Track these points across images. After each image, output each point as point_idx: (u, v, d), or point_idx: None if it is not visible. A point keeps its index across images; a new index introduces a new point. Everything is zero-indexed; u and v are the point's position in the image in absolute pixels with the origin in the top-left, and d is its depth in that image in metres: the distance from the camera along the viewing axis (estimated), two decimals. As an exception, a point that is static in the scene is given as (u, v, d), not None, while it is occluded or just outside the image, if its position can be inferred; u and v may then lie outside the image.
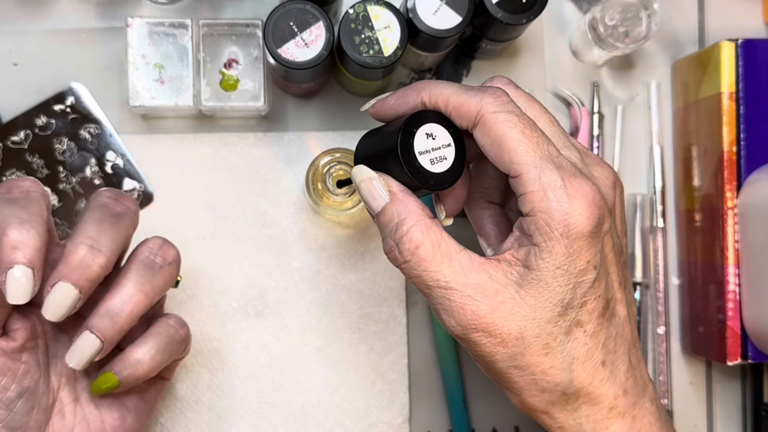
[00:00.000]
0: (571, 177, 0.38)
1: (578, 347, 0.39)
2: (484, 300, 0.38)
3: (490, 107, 0.38)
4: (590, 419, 0.40)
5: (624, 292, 0.41)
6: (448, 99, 0.40)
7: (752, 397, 0.59)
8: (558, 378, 0.39)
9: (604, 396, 0.40)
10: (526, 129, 0.38)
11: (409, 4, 0.49)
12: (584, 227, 0.37)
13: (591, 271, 0.38)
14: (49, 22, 0.57)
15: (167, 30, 0.54)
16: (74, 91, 0.56)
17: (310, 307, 0.57)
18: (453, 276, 0.39)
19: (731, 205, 0.54)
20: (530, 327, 0.38)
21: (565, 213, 0.37)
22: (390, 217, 0.40)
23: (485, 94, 0.39)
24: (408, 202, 0.40)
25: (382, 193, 0.40)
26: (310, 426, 0.56)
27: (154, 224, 0.56)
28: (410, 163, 0.39)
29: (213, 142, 0.57)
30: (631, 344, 0.41)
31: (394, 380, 0.57)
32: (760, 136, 0.54)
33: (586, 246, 0.38)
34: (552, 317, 0.38)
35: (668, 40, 0.60)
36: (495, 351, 0.39)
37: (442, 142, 0.40)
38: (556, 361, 0.39)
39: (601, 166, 0.42)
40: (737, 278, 0.54)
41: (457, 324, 0.39)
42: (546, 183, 0.37)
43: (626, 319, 0.41)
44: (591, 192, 0.38)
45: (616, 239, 0.41)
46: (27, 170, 0.55)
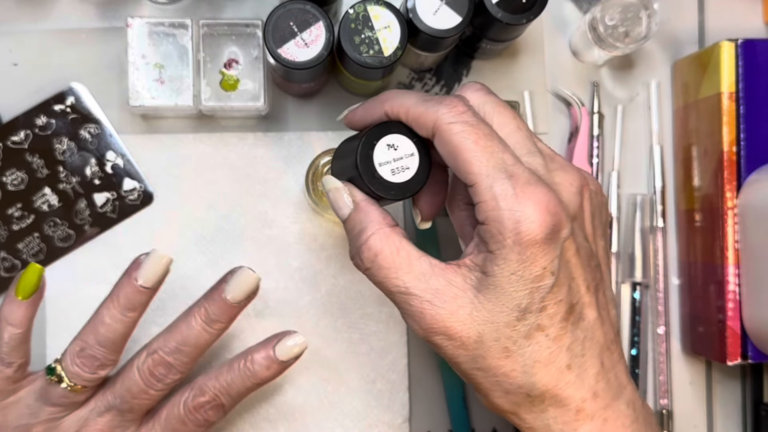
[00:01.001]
0: (524, 185, 0.38)
1: (540, 351, 0.39)
2: (442, 305, 0.39)
3: (445, 118, 0.39)
4: (558, 421, 0.40)
5: (595, 295, 0.41)
6: (408, 110, 0.41)
7: (752, 397, 0.59)
8: (520, 380, 0.40)
9: (570, 398, 0.40)
10: (480, 139, 0.39)
11: (409, 4, 0.49)
12: (536, 234, 0.38)
13: (548, 276, 0.39)
14: (49, 22, 0.57)
15: (167, 30, 0.54)
16: (74, 91, 0.56)
17: (310, 307, 0.57)
18: (412, 282, 0.40)
19: (731, 205, 0.54)
20: (489, 331, 0.39)
21: (516, 221, 0.38)
22: (353, 225, 0.42)
23: (441, 104, 0.40)
24: (369, 211, 0.42)
25: (347, 202, 0.42)
26: (310, 426, 0.56)
27: (154, 224, 0.56)
28: (369, 174, 0.41)
29: (213, 142, 0.57)
30: (603, 347, 0.41)
31: (394, 380, 0.57)
32: (760, 136, 0.54)
33: (540, 252, 0.38)
34: (510, 321, 0.39)
35: (668, 40, 0.60)
36: (457, 353, 0.40)
37: (405, 152, 0.42)
38: (517, 364, 0.39)
39: (565, 171, 0.41)
40: (737, 278, 0.54)
41: (420, 328, 0.40)
42: (497, 192, 0.38)
43: (596, 322, 0.41)
44: (545, 199, 0.38)
45: (583, 243, 0.41)
46: (27, 170, 0.56)
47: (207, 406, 0.49)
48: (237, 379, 0.49)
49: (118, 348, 0.48)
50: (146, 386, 0.48)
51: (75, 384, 0.47)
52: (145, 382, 0.48)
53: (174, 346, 0.48)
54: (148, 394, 0.48)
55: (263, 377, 0.50)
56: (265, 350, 0.50)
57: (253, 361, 0.49)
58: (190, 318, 0.49)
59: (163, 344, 0.48)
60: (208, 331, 0.48)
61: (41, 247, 0.55)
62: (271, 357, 0.50)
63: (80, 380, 0.47)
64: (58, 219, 0.56)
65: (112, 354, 0.48)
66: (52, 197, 0.56)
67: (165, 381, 0.48)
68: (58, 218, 0.56)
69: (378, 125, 0.42)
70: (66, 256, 0.56)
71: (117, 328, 0.47)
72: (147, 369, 0.48)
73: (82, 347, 0.47)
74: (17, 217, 0.55)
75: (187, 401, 0.49)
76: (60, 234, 0.56)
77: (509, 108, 0.42)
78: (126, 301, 0.47)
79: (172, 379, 0.48)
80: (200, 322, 0.48)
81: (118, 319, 0.47)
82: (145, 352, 0.49)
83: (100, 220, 0.56)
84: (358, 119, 0.44)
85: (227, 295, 0.48)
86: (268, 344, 0.50)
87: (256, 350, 0.50)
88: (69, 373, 0.47)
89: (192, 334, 0.48)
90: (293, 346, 0.50)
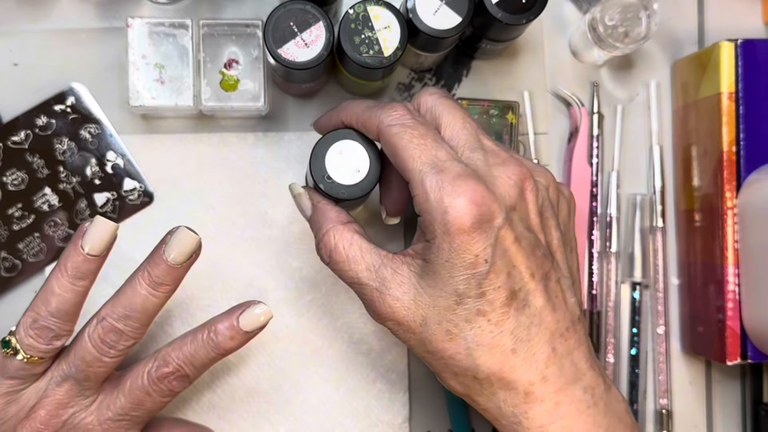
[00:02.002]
0: (454, 179, 0.41)
1: (482, 334, 0.41)
2: (389, 292, 0.43)
3: (385, 121, 0.43)
4: (508, 403, 0.42)
5: (543, 282, 0.42)
6: (357, 116, 0.45)
7: (752, 396, 0.59)
8: (465, 363, 0.42)
9: (518, 381, 0.41)
10: (415, 138, 0.42)
11: (409, 5, 0.49)
12: (462, 223, 0.40)
13: (482, 263, 0.41)
14: (49, 22, 0.57)
15: (167, 30, 0.54)
16: (74, 91, 0.56)
17: (310, 307, 0.57)
18: (363, 273, 0.44)
19: (731, 205, 0.54)
20: (432, 314, 0.42)
21: (444, 212, 0.41)
22: (313, 225, 0.47)
23: (383, 110, 0.44)
24: (325, 211, 0.46)
25: (307, 205, 0.47)
26: (310, 426, 0.56)
27: (154, 224, 0.56)
28: (320, 177, 0.46)
29: (213, 142, 0.57)
30: (555, 333, 0.42)
31: (394, 380, 0.57)
32: (760, 136, 0.54)
33: (469, 240, 0.41)
34: (450, 305, 0.42)
35: (668, 41, 0.60)
36: (407, 337, 0.43)
37: (355, 156, 0.46)
38: (461, 347, 0.42)
39: (506, 165, 0.43)
40: (737, 278, 0.54)
41: (374, 315, 0.44)
42: (427, 186, 0.41)
43: (545, 308, 0.42)
44: (471, 191, 0.41)
45: (524, 233, 0.42)
46: (27, 170, 0.56)
47: (171, 377, 0.48)
48: (201, 350, 0.48)
49: (72, 318, 0.47)
50: (99, 354, 0.47)
51: (31, 356, 0.46)
52: (98, 349, 0.47)
53: (122, 312, 0.47)
54: (102, 362, 0.47)
55: (227, 348, 0.49)
56: (229, 321, 0.49)
57: (216, 332, 0.48)
58: (134, 283, 0.47)
59: (111, 311, 0.47)
60: (155, 295, 0.47)
61: (42, 247, 0.56)
62: (234, 327, 0.48)
63: (36, 352, 0.46)
64: (59, 219, 0.56)
65: (65, 324, 0.47)
66: (52, 197, 0.56)
67: (117, 348, 0.47)
68: (58, 218, 0.56)
69: (329, 133, 0.46)
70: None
71: (68, 298, 0.46)
72: (98, 336, 0.47)
73: (35, 318, 0.46)
74: (18, 217, 0.55)
75: (150, 372, 0.48)
76: (60, 234, 0.56)
77: (460, 108, 0.45)
78: (74, 270, 0.46)
79: (124, 345, 0.47)
80: (145, 286, 0.47)
81: (69, 288, 0.46)
82: (95, 320, 0.47)
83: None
84: (322, 127, 0.49)
85: (167, 256, 0.46)
86: (231, 314, 0.49)
87: (219, 320, 0.49)
88: (24, 345, 0.46)
89: (138, 300, 0.47)
90: (258, 315, 0.49)
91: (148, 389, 0.48)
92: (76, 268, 0.46)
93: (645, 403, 0.59)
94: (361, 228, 0.46)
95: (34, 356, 0.47)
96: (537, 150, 0.59)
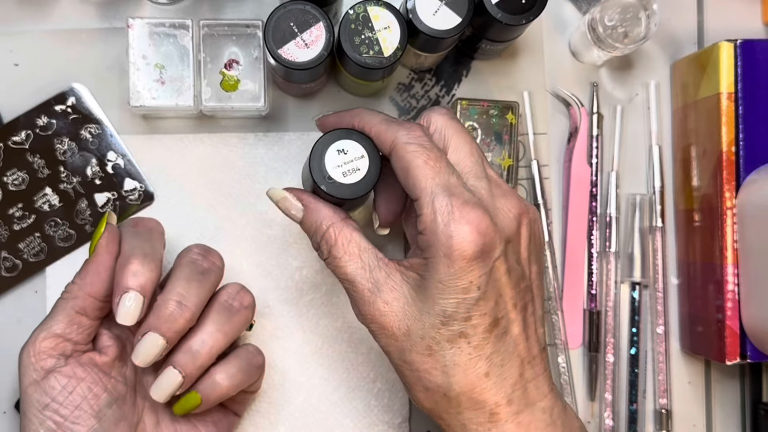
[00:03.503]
0: (462, 205, 0.42)
1: (461, 355, 0.43)
2: (380, 295, 0.44)
3: (402, 138, 0.44)
4: (473, 422, 0.43)
5: (522, 314, 0.44)
6: (372, 127, 0.45)
7: (751, 396, 0.59)
8: (439, 380, 0.43)
9: (486, 402, 0.43)
10: (430, 160, 0.43)
11: (409, 5, 0.49)
12: (466, 251, 0.41)
13: (474, 290, 0.42)
14: (49, 23, 0.57)
15: (168, 30, 0.54)
16: (75, 91, 0.56)
17: (310, 307, 0.57)
18: (357, 271, 0.44)
19: (730, 205, 0.54)
20: (416, 327, 0.43)
21: (449, 236, 0.41)
22: (309, 225, 0.46)
23: (401, 127, 0.44)
24: (320, 209, 0.46)
25: (297, 206, 0.47)
26: (310, 426, 0.56)
27: (154, 224, 0.56)
28: (320, 176, 0.45)
29: (213, 142, 0.57)
30: (525, 360, 0.44)
31: (394, 380, 0.57)
32: (759, 136, 0.54)
33: (468, 267, 0.41)
34: (435, 324, 0.42)
35: (667, 41, 0.61)
36: (387, 343, 0.44)
37: (355, 155, 0.46)
38: (438, 364, 0.43)
39: (507, 198, 0.45)
40: (736, 278, 0.54)
41: (359, 314, 0.45)
42: (437, 207, 0.42)
43: (520, 337, 0.44)
44: (478, 220, 0.42)
45: (514, 266, 0.44)
46: (28, 170, 0.56)
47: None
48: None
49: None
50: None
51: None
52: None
53: None
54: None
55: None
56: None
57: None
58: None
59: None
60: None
61: (42, 247, 0.56)
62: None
63: None
64: (59, 219, 0.56)
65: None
66: (53, 197, 0.56)
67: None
68: (59, 218, 0.56)
69: (329, 133, 0.46)
70: (67, 256, 0.56)
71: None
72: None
73: None
74: (18, 217, 0.56)
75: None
76: (61, 234, 0.56)
77: (468, 134, 0.46)
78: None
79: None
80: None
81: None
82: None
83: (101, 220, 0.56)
84: (328, 125, 0.49)
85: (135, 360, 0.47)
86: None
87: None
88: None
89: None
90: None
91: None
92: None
93: (644, 402, 0.59)
94: (359, 226, 0.46)
95: None
96: (536, 150, 0.59)
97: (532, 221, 0.46)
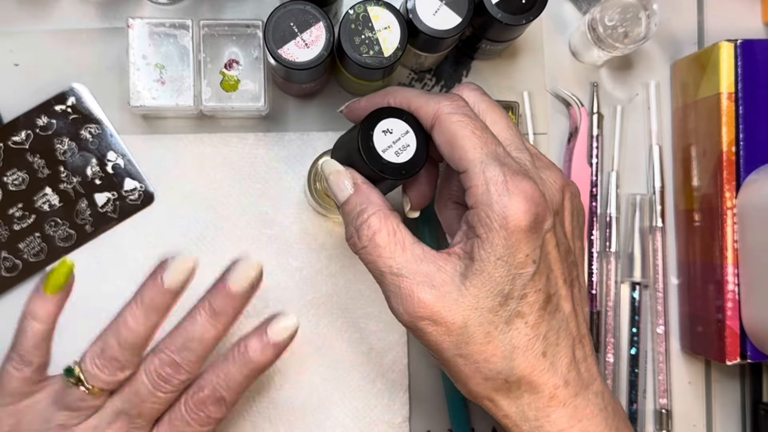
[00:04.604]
0: (514, 174, 0.40)
1: (519, 337, 0.41)
2: (431, 289, 0.41)
3: (446, 109, 0.42)
4: (532, 407, 0.42)
5: (570, 289, 0.43)
6: (411, 101, 0.44)
7: (751, 396, 0.59)
8: (500, 366, 0.41)
9: (544, 385, 0.42)
10: (476, 129, 0.41)
11: (409, 5, 0.49)
12: (521, 221, 0.40)
13: (530, 264, 0.40)
14: (49, 23, 0.57)
15: (168, 30, 0.54)
16: (75, 91, 0.56)
17: (310, 307, 0.57)
18: (404, 264, 0.41)
19: (730, 205, 0.54)
20: (473, 316, 0.41)
21: (504, 206, 0.40)
22: (353, 207, 0.43)
23: (443, 98, 0.43)
24: (369, 194, 0.43)
25: (348, 184, 0.44)
26: (310, 425, 0.56)
27: (154, 224, 0.56)
28: (374, 158, 0.43)
29: (213, 142, 0.57)
30: (576, 339, 0.43)
31: (394, 380, 0.57)
32: (759, 136, 0.54)
33: (524, 239, 0.40)
34: (493, 306, 0.41)
35: (667, 41, 0.61)
36: (441, 339, 0.41)
37: (401, 132, 0.44)
38: (498, 350, 0.41)
39: (551, 170, 0.44)
40: (736, 278, 0.54)
41: (405, 311, 0.42)
42: (489, 177, 0.40)
43: (571, 314, 0.43)
44: (531, 190, 0.40)
45: (562, 239, 0.43)
46: (28, 170, 0.56)
47: (208, 401, 0.48)
48: (233, 368, 0.48)
49: (139, 350, 0.47)
50: (154, 388, 0.47)
51: (93, 386, 0.46)
52: (153, 383, 0.47)
53: (180, 343, 0.47)
54: (157, 397, 0.47)
55: (259, 362, 0.48)
56: (258, 334, 0.49)
57: (247, 348, 0.48)
58: (194, 314, 0.48)
59: (170, 343, 0.47)
60: (213, 325, 0.47)
61: (42, 247, 0.56)
62: (264, 340, 0.48)
63: (98, 382, 0.46)
64: (59, 219, 0.56)
65: (132, 356, 0.47)
66: (53, 197, 0.56)
67: (172, 382, 0.47)
68: (59, 218, 0.56)
69: (371, 114, 0.44)
70: (67, 256, 0.56)
71: (139, 331, 0.46)
72: (154, 370, 0.47)
73: (103, 348, 0.46)
74: (18, 217, 0.56)
75: (187, 400, 0.48)
76: (61, 234, 0.56)
77: (501, 108, 0.45)
78: (150, 302, 0.47)
79: (179, 380, 0.47)
80: (204, 316, 0.47)
81: (141, 321, 0.46)
82: (152, 353, 0.48)
83: (100, 220, 0.56)
84: (361, 110, 0.46)
85: (230, 284, 0.47)
86: (260, 328, 0.49)
87: (248, 337, 0.49)
88: (88, 375, 0.46)
89: (197, 330, 0.47)
90: (285, 328, 0.49)
91: (187, 418, 0.48)
92: (153, 301, 0.47)
93: (644, 402, 0.59)
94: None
95: (95, 387, 0.46)
96: (537, 150, 0.59)
97: (573, 195, 0.45)
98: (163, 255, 0.48)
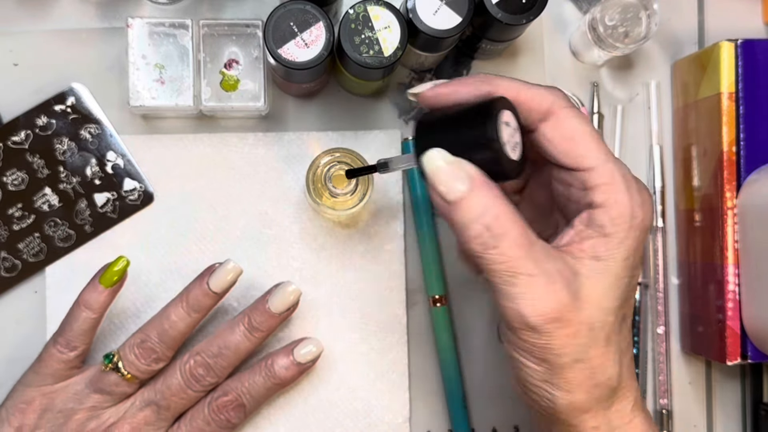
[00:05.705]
0: (633, 176, 0.40)
1: (623, 341, 0.40)
2: (564, 289, 0.38)
3: (563, 102, 0.40)
4: (619, 414, 0.41)
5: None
6: (518, 91, 0.40)
7: (752, 396, 0.59)
8: (610, 371, 0.39)
9: (630, 389, 0.41)
10: (593, 128, 0.41)
11: (409, 5, 0.49)
12: (647, 222, 0.40)
13: (639, 266, 0.41)
14: (49, 23, 0.57)
15: (167, 30, 0.54)
16: (75, 91, 0.56)
17: (310, 307, 0.57)
18: (536, 264, 0.38)
19: (731, 205, 0.54)
20: (598, 318, 0.39)
21: (639, 205, 0.39)
22: (473, 207, 0.38)
23: (550, 91, 0.41)
24: (491, 189, 0.38)
25: (462, 180, 0.38)
26: (310, 426, 0.56)
27: (154, 224, 0.56)
28: (508, 162, 0.38)
29: (213, 142, 0.57)
30: (628, 346, 0.42)
31: (394, 380, 0.57)
32: (760, 136, 0.54)
33: (644, 241, 0.40)
34: (614, 309, 0.39)
35: (668, 41, 0.60)
36: (565, 343, 0.38)
37: (514, 126, 0.39)
38: (612, 354, 0.39)
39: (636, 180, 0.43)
40: (737, 278, 0.54)
41: (534, 313, 0.38)
42: (620, 176, 0.39)
43: (631, 321, 0.44)
44: (648, 193, 0.41)
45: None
46: (27, 170, 0.56)
47: (230, 406, 0.52)
48: (258, 379, 0.52)
49: (175, 345, 0.51)
50: (185, 385, 0.51)
51: (128, 373, 0.50)
52: (185, 381, 0.51)
53: (216, 349, 0.51)
54: (186, 394, 0.51)
55: (282, 378, 0.53)
56: (285, 353, 0.53)
57: (273, 363, 0.53)
58: (234, 325, 0.52)
59: (206, 347, 0.52)
60: (249, 338, 0.52)
61: (42, 247, 0.56)
62: (290, 359, 0.53)
63: (134, 370, 0.50)
64: (59, 219, 0.56)
65: (168, 350, 0.51)
66: (52, 197, 0.56)
67: (203, 382, 0.51)
68: (58, 218, 0.56)
69: (491, 101, 0.39)
70: (66, 256, 0.56)
71: (180, 327, 0.51)
72: (188, 369, 0.51)
73: (143, 339, 0.51)
74: (18, 217, 0.55)
75: (211, 402, 0.52)
76: (60, 234, 0.56)
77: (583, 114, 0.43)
78: (194, 302, 0.51)
79: (209, 382, 0.52)
80: (243, 329, 0.52)
81: (183, 317, 0.51)
82: (188, 354, 0.52)
83: (100, 220, 0.56)
84: (443, 96, 0.41)
85: (270, 306, 0.52)
86: (288, 348, 0.54)
87: (276, 353, 0.53)
88: (125, 362, 0.50)
89: (234, 340, 0.51)
90: (310, 352, 0.53)
91: (208, 418, 0.52)
92: (197, 301, 0.51)
93: (645, 403, 0.59)
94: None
95: (131, 374, 0.50)
96: (537, 150, 0.59)
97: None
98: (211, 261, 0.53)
